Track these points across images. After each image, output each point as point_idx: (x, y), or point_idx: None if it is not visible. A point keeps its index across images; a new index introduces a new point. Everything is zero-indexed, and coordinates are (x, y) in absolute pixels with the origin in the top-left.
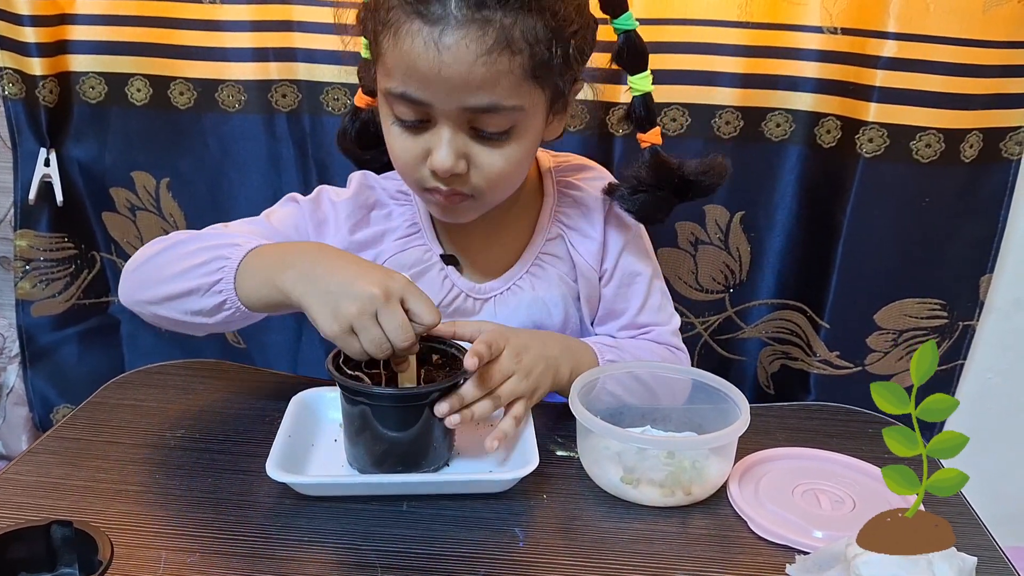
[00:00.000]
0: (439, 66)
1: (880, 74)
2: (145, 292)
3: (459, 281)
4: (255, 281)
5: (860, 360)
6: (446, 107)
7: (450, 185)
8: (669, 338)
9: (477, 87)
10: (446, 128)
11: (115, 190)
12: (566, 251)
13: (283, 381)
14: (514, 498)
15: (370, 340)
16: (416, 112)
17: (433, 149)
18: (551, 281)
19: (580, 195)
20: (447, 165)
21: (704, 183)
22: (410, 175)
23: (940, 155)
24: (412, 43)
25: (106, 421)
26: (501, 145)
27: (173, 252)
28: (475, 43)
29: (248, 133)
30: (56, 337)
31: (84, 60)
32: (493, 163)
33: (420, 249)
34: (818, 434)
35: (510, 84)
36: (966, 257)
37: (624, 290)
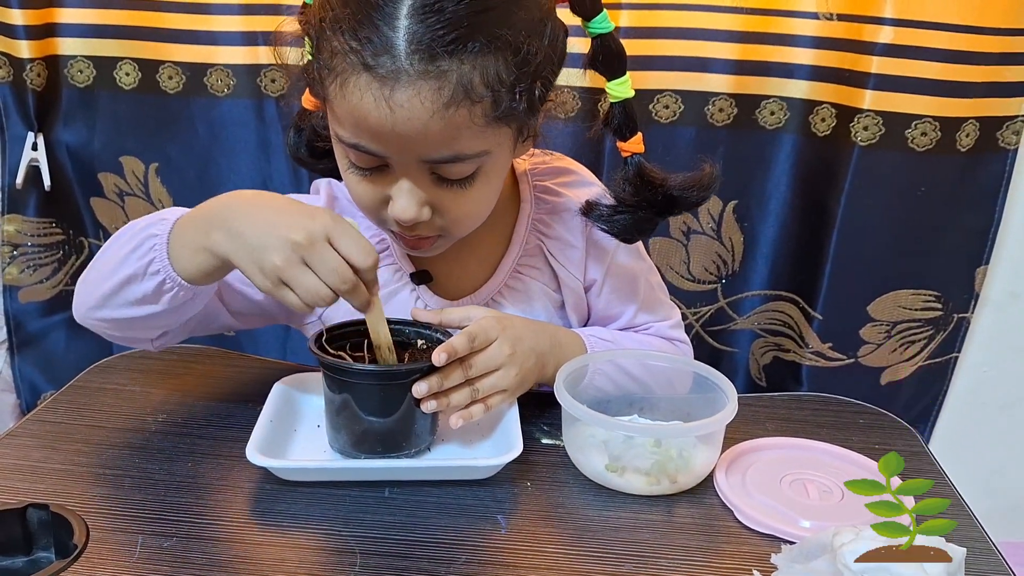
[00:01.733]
0: (392, 123)
1: (876, 61)
2: (90, 296)
3: (432, 301)
4: (187, 251)
5: (853, 352)
6: (404, 160)
7: (415, 232)
8: (668, 332)
9: (436, 142)
10: (406, 180)
11: (103, 175)
12: (545, 261)
13: (267, 367)
14: (498, 485)
15: (305, 290)
16: (371, 161)
17: (393, 198)
18: (531, 294)
19: (560, 201)
20: (408, 216)
21: (690, 199)
22: (372, 217)
23: (936, 144)
24: (361, 98)
25: (88, 405)
26: (466, 189)
27: (108, 248)
28: (430, 98)
29: (237, 118)
30: (44, 323)
31: (72, 43)
32: (459, 207)
33: (389, 269)
34: (808, 424)
35: (472, 134)
36: (961, 248)
37: (616, 294)
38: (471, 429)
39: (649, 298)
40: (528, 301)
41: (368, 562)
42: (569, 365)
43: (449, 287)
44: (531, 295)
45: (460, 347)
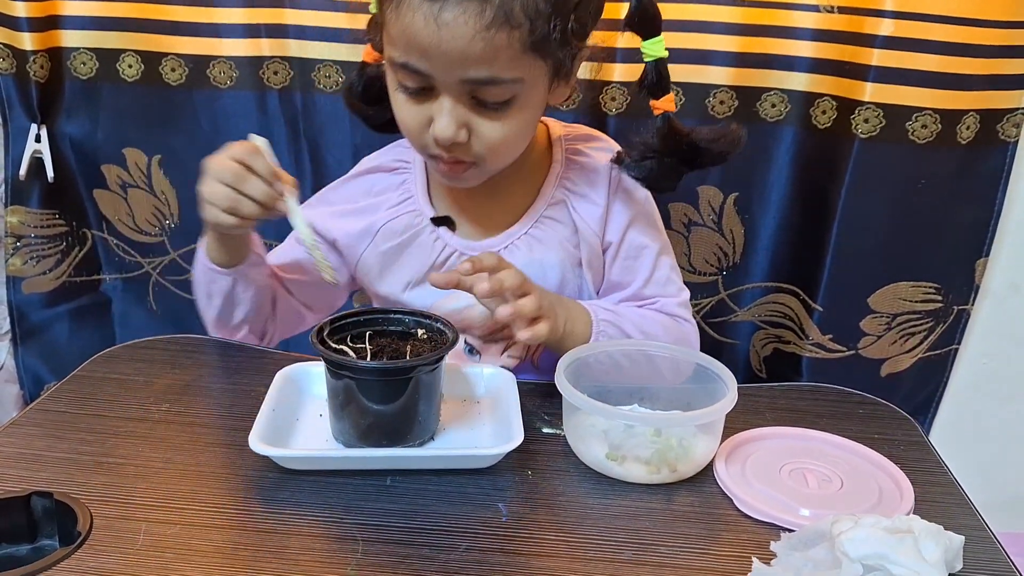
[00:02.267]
0: (438, 41)
1: (876, 53)
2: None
3: (452, 240)
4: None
5: (853, 344)
6: (446, 79)
7: (452, 153)
8: (675, 309)
9: (476, 61)
10: (447, 99)
11: (106, 167)
12: (568, 215)
13: (269, 357)
14: (498, 474)
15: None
16: (419, 81)
17: (435, 118)
18: (550, 244)
19: (586, 161)
20: (447, 135)
21: (714, 151)
22: (415, 141)
23: (936, 136)
24: (412, 17)
25: (91, 394)
26: (502, 115)
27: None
28: (474, 19)
29: (240, 110)
30: (47, 314)
31: (75, 35)
32: (494, 133)
33: (411, 215)
34: (807, 414)
35: (509, 58)
36: (962, 240)
37: (630, 263)
38: (472, 419)
39: (660, 273)
40: (546, 251)
41: (371, 549)
42: (571, 354)
43: (474, 230)
44: (550, 245)
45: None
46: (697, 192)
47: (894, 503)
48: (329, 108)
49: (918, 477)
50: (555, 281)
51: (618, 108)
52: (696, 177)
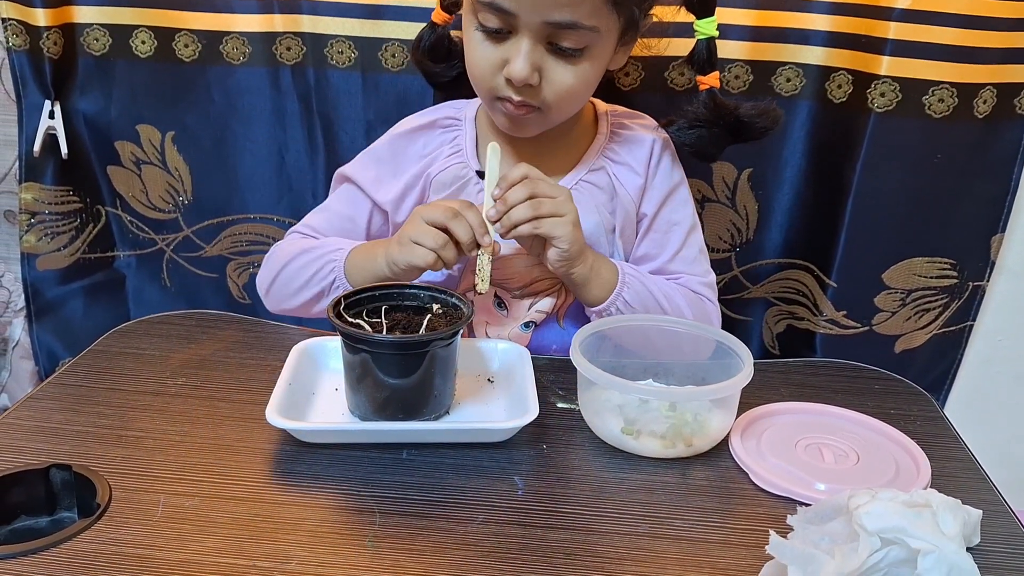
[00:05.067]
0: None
1: (893, 26)
2: (289, 304)
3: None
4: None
5: (867, 320)
6: (530, 19)
7: (521, 95)
8: (699, 287)
9: (562, 3)
10: (526, 39)
11: (120, 143)
12: (608, 182)
13: (284, 333)
14: (514, 447)
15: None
16: (500, 21)
17: (511, 59)
18: (587, 207)
19: (630, 134)
20: (523, 74)
21: (758, 125)
22: (485, 82)
23: (953, 110)
24: None
25: (108, 368)
26: (574, 62)
27: (289, 270)
28: None
29: (253, 87)
30: (61, 291)
31: (88, 11)
32: (564, 79)
33: (458, 167)
34: (823, 390)
35: (592, 6)
36: (978, 216)
37: (659, 236)
38: (487, 394)
39: (688, 251)
40: (584, 212)
41: (388, 521)
42: (586, 329)
43: None
44: (587, 208)
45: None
46: (711, 168)
47: (911, 478)
48: (342, 84)
49: (934, 452)
50: (592, 243)
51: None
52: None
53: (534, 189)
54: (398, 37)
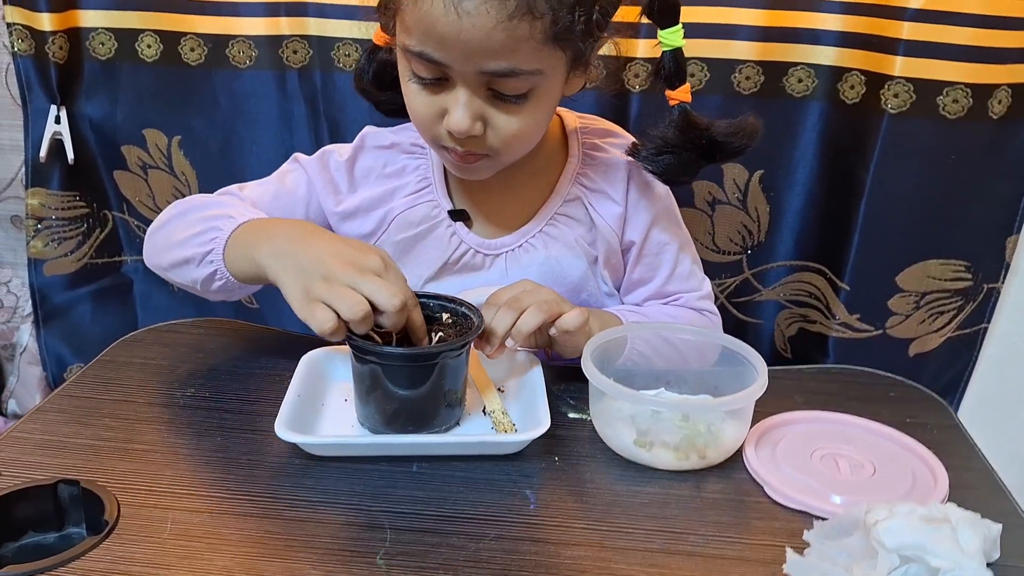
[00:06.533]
0: (458, 31)
1: (906, 26)
2: (157, 257)
3: (468, 236)
4: (238, 254)
5: (881, 323)
6: (464, 70)
7: (465, 146)
8: (697, 303)
9: (496, 52)
10: (463, 90)
11: (127, 148)
12: (585, 213)
13: (295, 340)
14: (525, 460)
15: (344, 304)
16: (434, 71)
17: (449, 110)
18: (567, 242)
19: (605, 157)
20: (463, 127)
21: (733, 144)
22: (427, 132)
23: (967, 111)
24: (431, 5)
25: (115, 379)
26: (518, 107)
27: (180, 220)
28: (496, 8)
29: (259, 90)
30: (69, 296)
31: (93, 16)
32: (509, 125)
33: (428, 205)
34: (837, 397)
35: (530, 49)
36: (992, 217)
37: (651, 260)
38: None
39: (682, 268)
40: (562, 249)
41: (399, 537)
42: (597, 338)
43: (488, 227)
44: (567, 243)
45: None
46: (722, 170)
47: (928, 489)
48: (349, 87)
49: (951, 461)
50: (574, 279)
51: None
52: None
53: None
54: None
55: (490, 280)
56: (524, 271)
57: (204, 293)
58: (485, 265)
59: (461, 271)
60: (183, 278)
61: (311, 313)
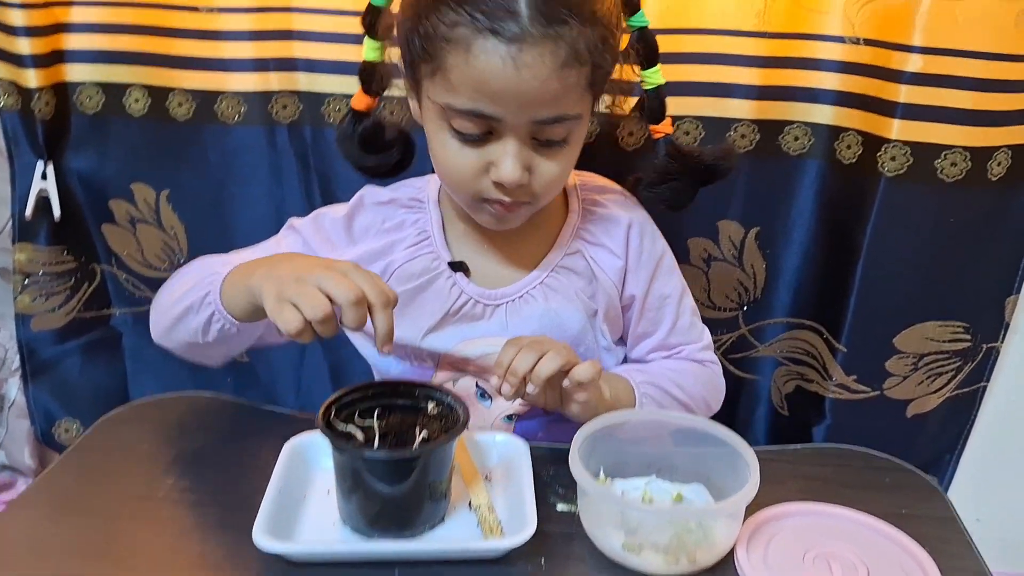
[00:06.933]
0: (516, 83)
1: (904, 89)
2: (161, 322)
3: (468, 287)
4: (235, 289)
5: (878, 384)
6: (517, 121)
7: (512, 196)
8: (700, 354)
9: (548, 101)
10: (513, 141)
11: (115, 202)
12: (585, 266)
13: (281, 418)
14: (511, 563)
15: (307, 304)
16: (483, 126)
17: (498, 162)
18: (567, 295)
19: (604, 212)
20: (515, 178)
21: (723, 166)
22: (468, 187)
23: (966, 174)
24: (488, 60)
25: (96, 467)
26: (558, 152)
27: (176, 280)
28: (550, 58)
29: (248, 145)
30: (57, 351)
31: (81, 70)
32: (551, 170)
33: (428, 257)
34: (832, 484)
35: (576, 95)
36: (991, 278)
37: (653, 314)
38: None
39: (683, 320)
40: (562, 301)
41: None
42: (585, 429)
43: (488, 278)
44: (567, 296)
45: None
46: (717, 227)
47: None
48: None
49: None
50: (573, 331)
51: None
52: (716, 212)
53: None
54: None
55: (490, 331)
56: (524, 322)
57: (205, 351)
58: (485, 315)
59: (461, 321)
60: (185, 333)
61: (279, 313)
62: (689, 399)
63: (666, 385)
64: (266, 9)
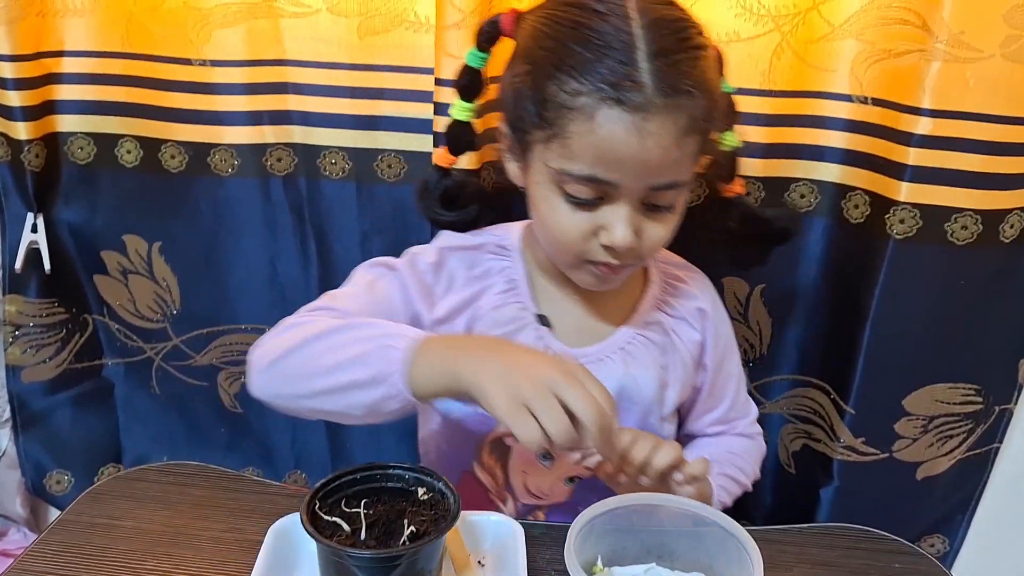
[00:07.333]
0: (639, 151)
1: (913, 152)
2: (294, 387)
3: (553, 343)
4: (427, 371)
5: (887, 447)
6: (633, 187)
7: (620, 259)
8: (751, 428)
9: (668, 167)
10: (626, 206)
11: (106, 253)
12: (664, 337)
13: (266, 492)
14: None
15: (550, 419)
16: (596, 191)
17: (610, 227)
18: (644, 363)
19: (685, 288)
20: (627, 243)
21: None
22: (575, 248)
23: (977, 237)
24: (612, 129)
25: (76, 547)
26: (665, 216)
27: (323, 344)
28: (672, 127)
29: (242, 197)
30: (48, 402)
31: (72, 120)
32: (658, 233)
33: (516, 307)
34: (840, 570)
35: (690, 162)
36: (1003, 340)
37: (718, 390)
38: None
39: (741, 396)
40: (640, 368)
41: None
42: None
43: (568, 336)
44: (644, 364)
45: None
46: (722, 283)
47: None
48: (335, 194)
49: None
50: (646, 400)
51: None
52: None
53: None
54: (394, 148)
55: None
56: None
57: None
58: None
59: None
60: (332, 405)
61: (517, 422)
62: (747, 480)
63: (732, 471)
64: (260, 62)
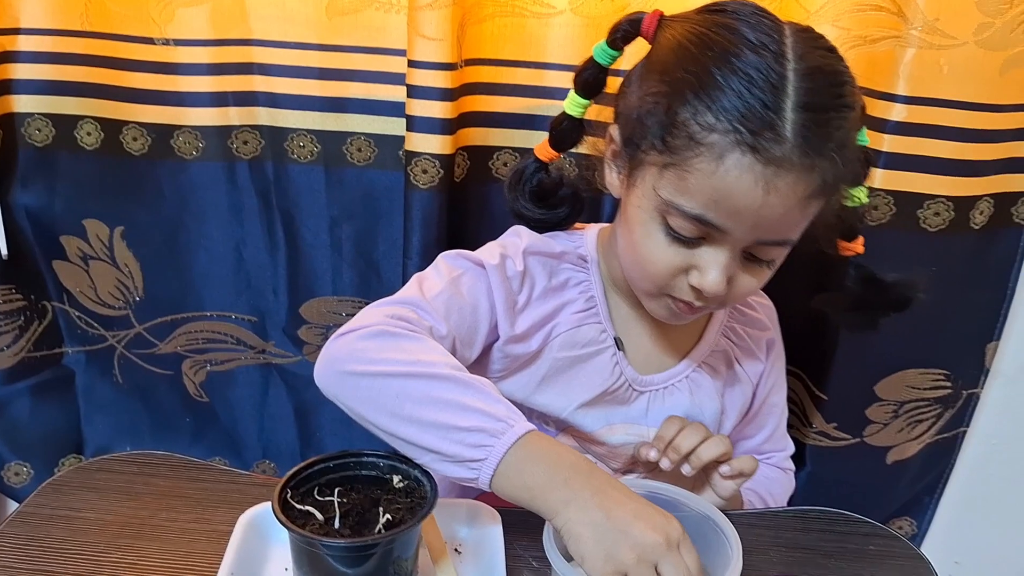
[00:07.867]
0: (761, 205)
1: (887, 139)
2: (368, 411)
3: (627, 369)
4: (518, 479)
5: (858, 432)
6: (741, 236)
7: (704, 303)
8: (785, 463)
9: (784, 226)
10: (727, 253)
11: (66, 238)
12: (726, 365)
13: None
14: None
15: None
16: (700, 231)
17: (704, 269)
18: (709, 391)
19: (753, 316)
20: (718, 290)
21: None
22: (660, 280)
23: (949, 224)
24: (739, 177)
25: (36, 539)
26: (760, 269)
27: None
28: (802, 187)
29: (207, 181)
30: (6, 392)
31: (29, 101)
32: (748, 285)
33: (596, 328)
34: (815, 553)
35: (803, 221)
36: (972, 325)
37: (761, 419)
38: None
39: (780, 430)
40: (705, 397)
41: None
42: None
43: (637, 362)
44: (708, 392)
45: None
46: None
47: None
48: (303, 179)
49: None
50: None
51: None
52: None
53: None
54: (363, 131)
55: (630, 416)
56: (666, 412)
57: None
58: (628, 400)
59: (611, 403)
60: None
61: None
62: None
63: (762, 492)
64: (225, 42)
